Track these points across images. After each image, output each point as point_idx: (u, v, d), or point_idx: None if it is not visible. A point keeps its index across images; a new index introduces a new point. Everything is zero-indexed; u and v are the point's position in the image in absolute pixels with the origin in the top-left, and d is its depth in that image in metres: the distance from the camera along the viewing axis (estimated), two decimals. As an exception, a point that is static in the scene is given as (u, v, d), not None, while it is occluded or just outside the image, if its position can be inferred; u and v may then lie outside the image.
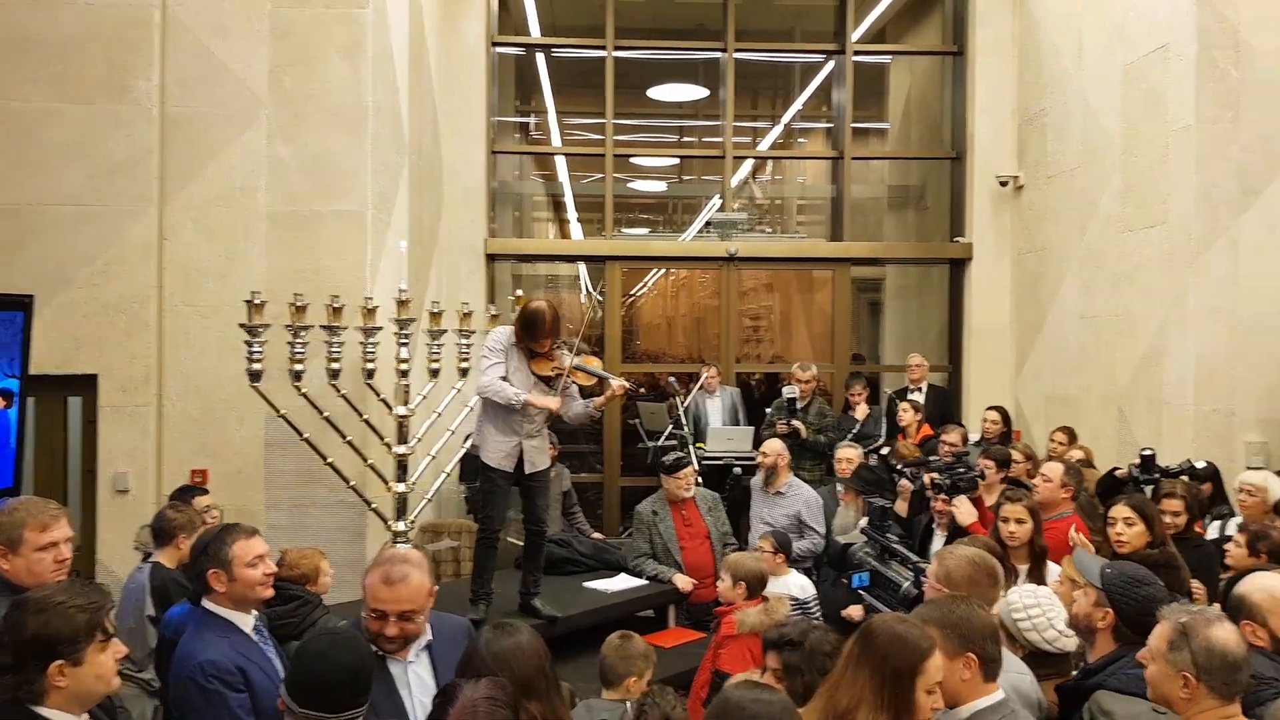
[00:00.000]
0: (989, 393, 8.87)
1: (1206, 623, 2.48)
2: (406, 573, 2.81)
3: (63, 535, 3.15)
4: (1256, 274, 6.46)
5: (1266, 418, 6.43)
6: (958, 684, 2.55)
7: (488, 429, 5.05)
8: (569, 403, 5.16)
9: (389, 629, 2.80)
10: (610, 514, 9.14)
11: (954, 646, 2.55)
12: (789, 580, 5.24)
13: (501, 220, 9.76)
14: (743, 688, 2.37)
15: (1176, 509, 4.69)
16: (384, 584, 2.80)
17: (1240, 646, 2.46)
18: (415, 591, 2.82)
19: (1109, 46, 7.52)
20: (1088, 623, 2.98)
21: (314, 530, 6.04)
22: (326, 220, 6.11)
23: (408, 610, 2.81)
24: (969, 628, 2.57)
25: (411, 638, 2.86)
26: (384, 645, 2.83)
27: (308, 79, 6.10)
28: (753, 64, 10.21)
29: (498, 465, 5.03)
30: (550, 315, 4.93)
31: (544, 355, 5.02)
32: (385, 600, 2.79)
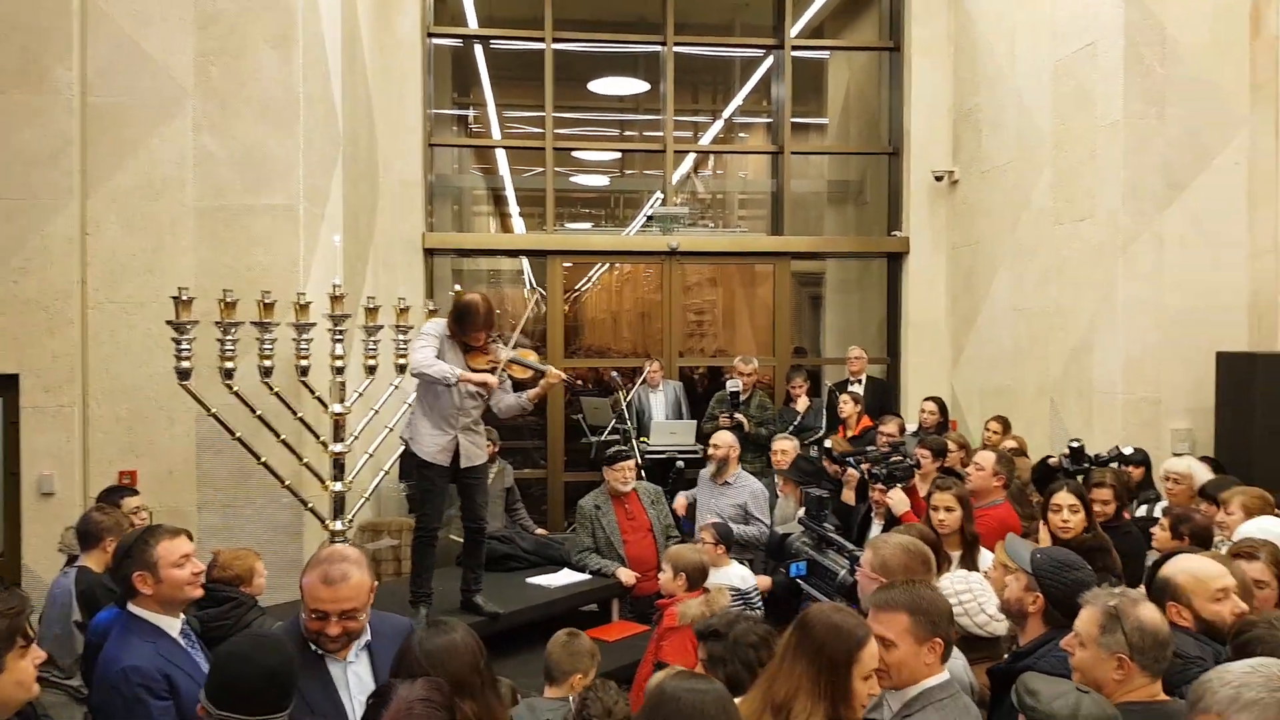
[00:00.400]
0: (926, 384, 9.02)
1: (1133, 604, 2.53)
2: (346, 571, 2.77)
3: None
4: (1181, 267, 6.65)
5: (1192, 406, 6.62)
6: (919, 667, 2.59)
7: (421, 424, 4.99)
8: (500, 395, 5.11)
9: (331, 629, 2.75)
10: (554, 510, 9.10)
11: (925, 632, 2.59)
12: (730, 571, 5.26)
13: (440, 214, 9.65)
14: (678, 678, 2.36)
15: (1106, 497, 4.81)
16: (323, 584, 2.74)
17: (1166, 625, 2.52)
18: (356, 589, 2.77)
19: (1040, 44, 7.65)
20: (1018, 607, 3.03)
21: (249, 531, 5.92)
22: (257, 214, 5.97)
23: (349, 609, 2.76)
24: (938, 613, 2.63)
25: (354, 636, 2.82)
26: (327, 646, 2.79)
27: (235, 69, 5.95)
28: (692, 58, 10.20)
29: (433, 460, 4.97)
30: (484, 308, 4.88)
31: (478, 349, 4.97)
32: (325, 600, 2.74)
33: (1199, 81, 6.63)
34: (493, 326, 4.99)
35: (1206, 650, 2.79)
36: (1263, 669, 1.91)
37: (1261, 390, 6.05)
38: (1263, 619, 2.76)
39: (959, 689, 2.67)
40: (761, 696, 2.52)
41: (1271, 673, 1.89)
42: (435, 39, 9.22)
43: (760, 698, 2.52)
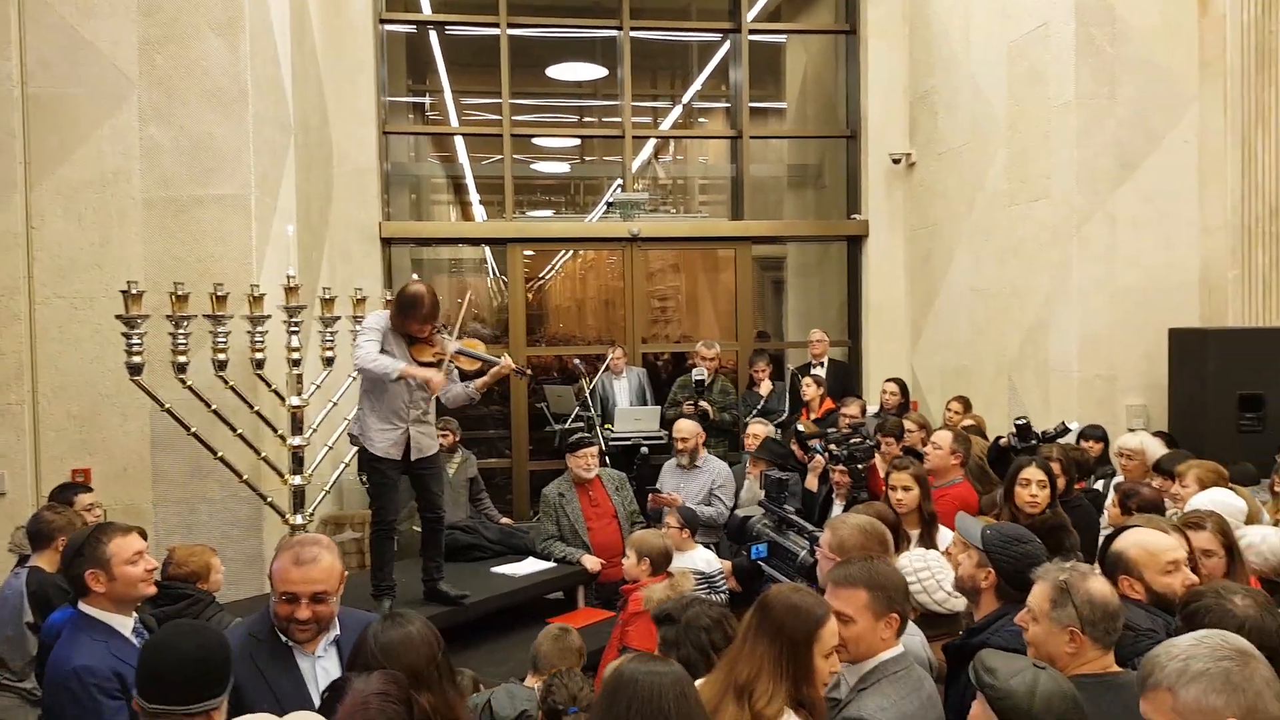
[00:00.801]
0: (887, 366, 9.08)
1: (1083, 577, 2.55)
2: (317, 554, 2.75)
3: None
4: (1134, 245, 6.74)
5: (1146, 382, 6.72)
6: (876, 642, 2.62)
7: (370, 420, 4.91)
8: (448, 386, 5.06)
9: (300, 612, 2.71)
10: (519, 499, 9.08)
11: (881, 607, 2.62)
12: (695, 555, 5.27)
13: (398, 203, 9.56)
14: (636, 660, 2.35)
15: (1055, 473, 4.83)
16: (294, 565, 2.72)
17: (1115, 597, 2.55)
18: (327, 572, 2.75)
19: (994, 25, 7.69)
20: (971, 583, 3.06)
21: (207, 527, 5.85)
22: (207, 205, 5.87)
23: (320, 591, 2.73)
24: (895, 589, 2.67)
25: (324, 622, 2.78)
26: (295, 633, 2.75)
27: (181, 57, 5.83)
28: (650, 43, 10.16)
29: (385, 455, 4.91)
30: (428, 299, 4.80)
31: (423, 341, 4.89)
32: (296, 582, 2.71)
33: (1149, 61, 6.70)
34: (437, 318, 4.91)
35: (1158, 622, 2.83)
36: (1208, 640, 1.93)
37: (1213, 365, 6.14)
38: (1210, 589, 2.80)
39: (913, 661, 2.71)
40: (723, 679, 2.52)
41: (1216, 643, 1.91)
42: (388, 25, 9.10)
43: (722, 680, 2.52)
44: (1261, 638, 2.22)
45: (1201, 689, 1.84)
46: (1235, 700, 1.81)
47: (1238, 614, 2.45)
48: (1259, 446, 5.77)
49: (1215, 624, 2.27)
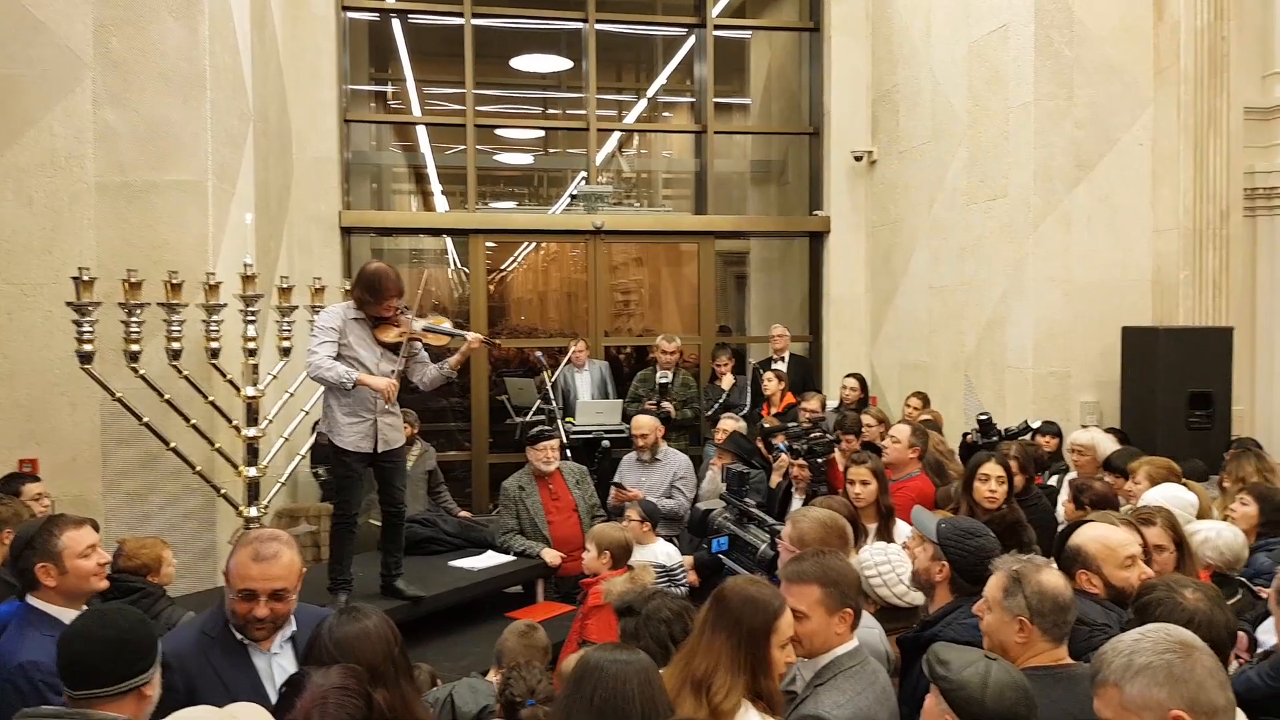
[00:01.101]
0: (847, 361, 9.16)
1: (1036, 569, 2.60)
2: (277, 550, 2.71)
3: None
4: (1088, 244, 6.86)
5: (1099, 379, 6.83)
6: (830, 636, 2.65)
7: (336, 414, 4.82)
8: (420, 369, 5.01)
9: (259, 609, 2.67)
10: (479, 492, 9.03)
11: (835, 602, 2.65)
12: (655, 548, 5.28)
13: (358, 192, 9.45)
14: (603, 649, 2.37)
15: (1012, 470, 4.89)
16: (253, 561, 2.68)
17: (1067, 590, 2.58)
18: (287, 569, 2.72)
19: (955, 25, 7.77)
20: (926, 576, 3.10)
21: (158, 519, 5.73)
22: (163, 191, 5.75)
23: (279, 588, 2.69)
24: (848, 584, 2.69)
25: (281, 620, 2.74)
26: (252, 631, 2.70)
27: (138, 40, 5.69)
28: (615, 36, 10.14)
29: (354, 448, 4.83)
30: (390, 272, 4.76)
31: (389, 321, 4.82)
32: (255, 578, 2.67)
33: (1106, 65, 6.81)
34: (402, 295, 4.86)
35: (1111, 616, 2.87)
36: (1151, 634, 1.97)
37: (1163, 363, 6.27)
38: (1161, 583, 2.85)
39: (868, 655, 2.73)
40: (680, 673, 2.52)
41: (1160, 637, 1.94)
42: (350, 12, 9.00)
43: (678, 674, 2.52)
44: (1211, 631, 2.27)
45: (1145, 682, 1.87)
46: (1179, 692, 1.84)
47: (1188, 607, 2.49)
48: (1208, 443, 5.91)
49: (1166, 617, 2.32)
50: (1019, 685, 2.21)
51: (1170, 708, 1.85)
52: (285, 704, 2.13)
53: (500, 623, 4.86)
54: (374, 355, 4.81)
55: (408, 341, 4.85)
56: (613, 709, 2.14)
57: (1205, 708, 1.84)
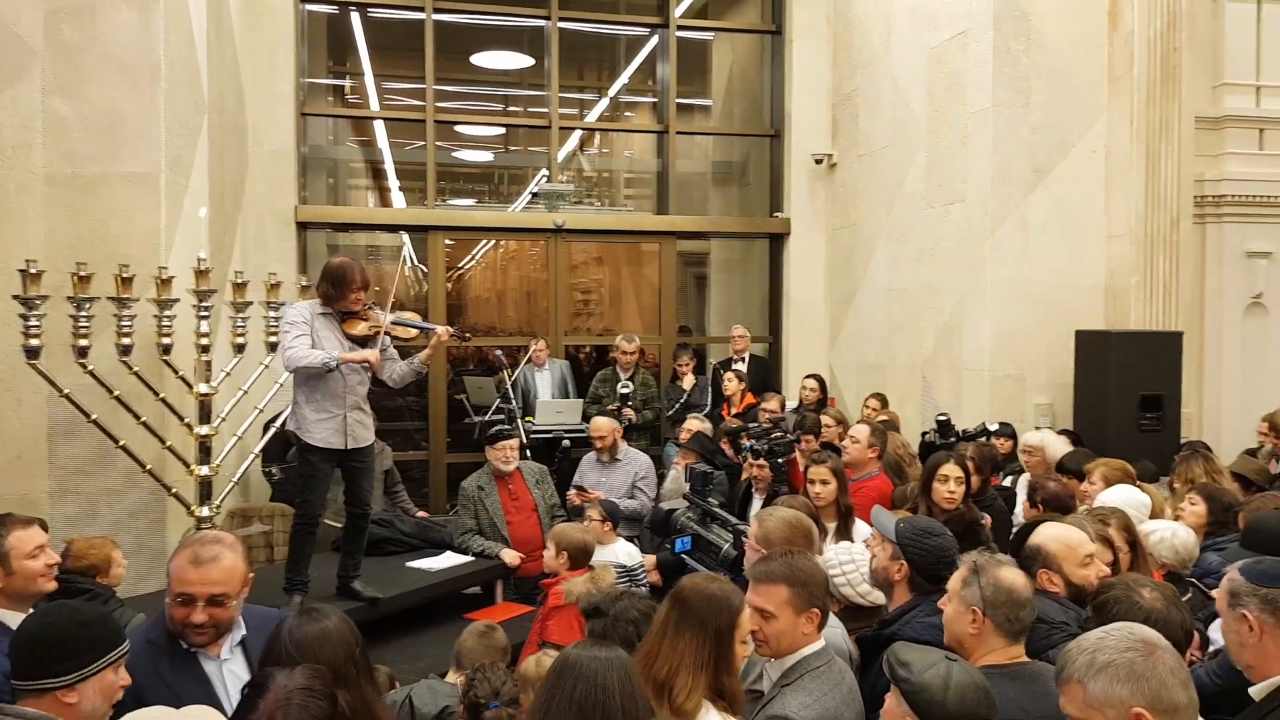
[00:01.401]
0: (806, 362, 9.20)
1: (996, 564, 2.62)
2: (217, 553, 2.61)
3: None
4: (1044, 249, 6.96)
5: (1053, 382, 6.93)
6: (798, 636, 2.64)
7: (305, 409, 4.76)
8: (390, 365, 4.96)
9: (196, 615, 2.56)
10: (436, 492, 8.95)
11: (803, 602, 2.64)
12: (616, 548, 5.27)
13: (314, 187, 9.33)
14: (581, 645, 2.36)
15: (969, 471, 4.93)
16: (191, 564, 2.58)
17: (1026, 588, 2.59)
18: (227, 573, 2.61)
19: (915, 31, 7.84)
20: (885, 575, 3.12)
21: (107, 519, 5.60)
22: (114, 182, 5.61)
23: (218, 593, 2.59)
24: (815, 584, 2.69)
25: (223, 627, 2.64)
26: (192, 637, 2.60)
27: (90, 28, 5.56)
28: (578, 34, 10.10)
29: (324, 444, 4.76)
30: (358, 266, 4.75)
31: (356, 315, 4.79)
32: (193, 582, 2.57)
33: (1061, 72, 6.91)
34: (369, 285, 4.83)
35: (1070, 615, 2.90)
36: (1115, 632, 1.99)
37: (1115, 366, 6.37)
38: (1119, 581, 2.89)
39: (834, 655, 2.74)
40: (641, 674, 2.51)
41: (1123, 635, 1.97)
42: (308, 5, 8.88)
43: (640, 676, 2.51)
44: (1167, 629, 2.30)
45: (1108, 680, 1.90)
46: (1140, 689, 1.87)
47: (1145, 606, 2.52)
48: (1158, 445, 6.02)
49: (1123, 616, 2.35)
50: (980, 686, 2.22)
51: (1131, 705, 1.87)
52: (248, 705, 2.07)
53: (458, 624, 4.83)
54: (342, 350, 4.76)
55: (376, 335, 4.81)
56: (593, 704, 2.12)
57: (1167, 705, 1.86)
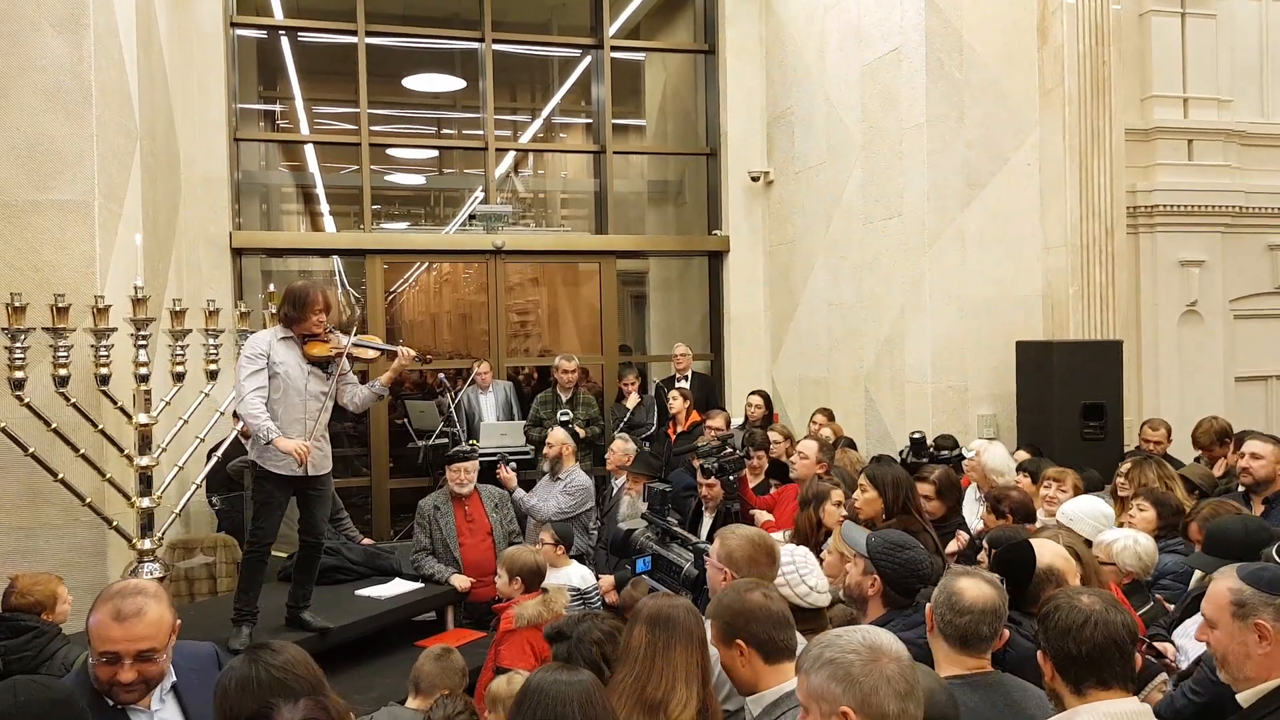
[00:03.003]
0: (749, 378, 9.29)
1: (961, 574, 2.65)
2: (141, 605, 2.40)
3: None
4: (981, 261, 7.11)
5: (995, 392, 7.07)
6: (739, 667, 2.58)
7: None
8: (350, 389, 4.92)
9: (124, 674, 2.38)
10: (379, 517, 8.82)
11: (724, 634, 2.59)
12: (569, 571, 5.26)
13: (248, 213, 9.18)
14: (545, 670, 2.35)
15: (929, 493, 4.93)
16: (114, 620, 2.37)
17: (981, 599, 2.55)
18: (153, 626, 2.41)
19: (848, 48, 7.99)
20: (859, 590, 3.13)
21: (46, 554, 5.40)
22: (45, 210, 5.46)
23: (146, 649, 2.39)
24: (735, 615, 2.59)
25: (153, 682, 2.46)
26: (120, 695, 2.41)
27: (15, 54, 5.41)
28: (511, 56, 10.11)
29: (285, 471, 4.69)
30: (319, 289, 4.73)
31: (317, 338, 4.76)
32: (117, 640, 2.36)
33: (994, 87, 7.09)
34: (330, 308, 4.79)
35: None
36: (849, 634, 2.02)
37: (1057, 376, 6.51)
38: (1061, 592, 2.92)
39: None
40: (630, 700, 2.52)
41: (854, 638, 2.00)
42: (239, 29, 8.75)
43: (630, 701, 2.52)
44: (1109, 630, 2.32)
45: (826, 676, 1.94)
46: (851, 691, 1.91)
47: (1083, 608, 2.46)
48: (1101, 454, 6.15)
49: (1063, 619, 2.37)
50: (945, 689, 2.26)
51: (840, 704, 1.91)
52: None
53: (410, 652, 4.78)
54: (302, 374, 4.73)
55: (338, 357, 4.76)
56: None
57: (875, 711, 1.90)
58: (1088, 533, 3.97)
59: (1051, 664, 2.38)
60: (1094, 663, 2.32)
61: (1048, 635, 2.39)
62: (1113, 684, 2.32)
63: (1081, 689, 2.33)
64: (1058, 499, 4.65)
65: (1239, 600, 2.45)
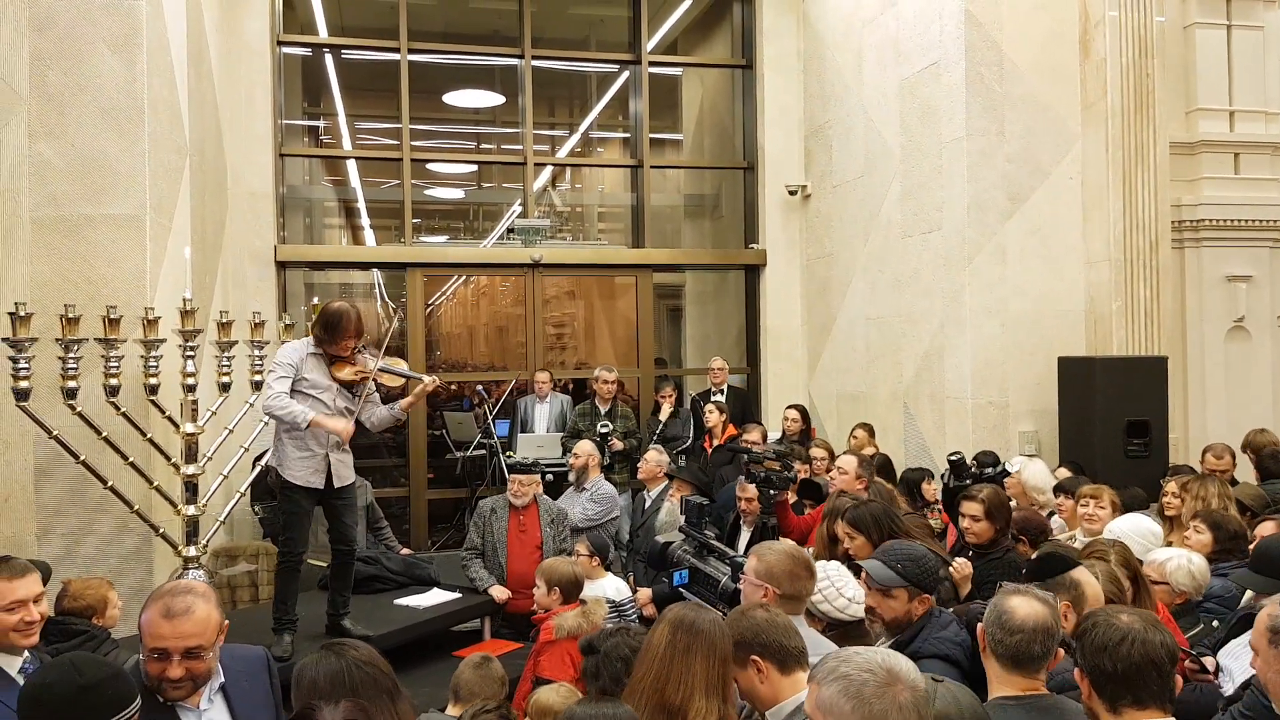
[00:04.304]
0: (785, 392, 9.27)
1: (1013, 592, 2.62)
2: (190, 604, 2.48)
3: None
4: (1022, 276, 7.06)
5: (1036, 408, 7.00)
6: (757, 685, 2.59)
7: (287, 448, 4.76)
8: (370, 409, 4.96)
9: (172, 670, 2.44)
10: (418, 528, 8.89)
11: (741, 653, 2.59)
12: (604, 583, 5.26)
13: (292, 226, 9.33)
14: (585, 704, 2.37)
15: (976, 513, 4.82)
16: (164, 618, 2.44)
17: (1033, 618, 2.51)
18: (201, 624, 2.48)
19: (886, 63, 7.99)
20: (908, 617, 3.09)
21: (94, 559, 5.54)
22: (99, 225, 5.60)
23: (194, 646, 2.46)
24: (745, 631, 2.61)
25: (200, 680, 2.52)
26: (169, 692, 2.47)
27: (74, 73, 5.57)
28: (550, 72, 10.22)
29: (304, 482, 4.76)
30: (354, 314, 4.75)
31: (345, 359, 4.80)
32: (166, 636, 2.44)
33: (1035, 100, 7.05)
34: (362, 335, 4.83)
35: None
36: (866, 654, 2.00)
37: (1100, 393, 6.43)
38: (1102, 609, 2.89)
39: None
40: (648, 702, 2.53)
41: (871, 658, 1.98)
42: (285, 47, 8.92)
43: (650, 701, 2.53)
44: (1147, 649, 2.29)
45: (838, 690, 1.91)
46: (860, 711, 1.88)
47: (1121, 626, 2.42)
48: (1146, 472, 6.05)
49: (1100, 636, 2.34)
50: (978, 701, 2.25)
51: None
52: None
53: (448, 661, 4.81)
54: (331, 391, 4.77)
55: (364, 381, 4.81)
56: None
57: None
58: (1137, 551, 3.91)
59: (1088, 681, 2.36)
60: (1130, 681, 2.29)
61: (1084, 652, 2.37)
62: (1149, 704, 2.29)
63: (1117, 707, 2.30)
64: (1098, 516, 4.59)
65: (1275, 627, 2.42)
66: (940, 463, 6.75)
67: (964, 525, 4.34)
